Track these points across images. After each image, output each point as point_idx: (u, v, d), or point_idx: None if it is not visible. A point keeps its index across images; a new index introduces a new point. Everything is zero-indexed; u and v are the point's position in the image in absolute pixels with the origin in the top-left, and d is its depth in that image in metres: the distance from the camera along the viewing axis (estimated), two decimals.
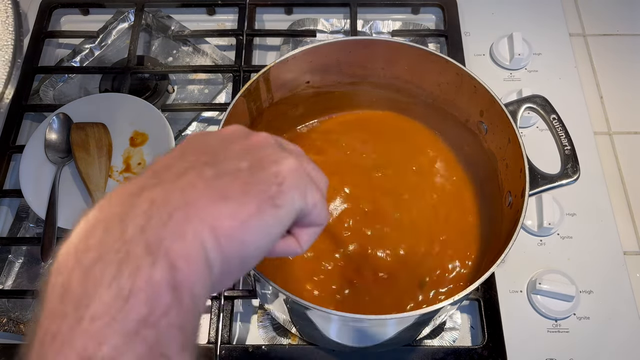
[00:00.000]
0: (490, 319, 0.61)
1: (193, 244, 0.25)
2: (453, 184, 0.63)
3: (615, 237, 0.67)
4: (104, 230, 0.25)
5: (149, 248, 0.24)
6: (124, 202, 0.26)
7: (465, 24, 0.83)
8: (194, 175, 0.27)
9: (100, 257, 0.24)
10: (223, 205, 0.27)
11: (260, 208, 0.28)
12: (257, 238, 0.28)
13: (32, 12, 0.86)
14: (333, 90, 0.64)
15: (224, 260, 0.26)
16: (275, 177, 0.29)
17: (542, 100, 0.55)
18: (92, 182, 0.66)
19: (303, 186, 0.30)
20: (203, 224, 0.26)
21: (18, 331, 0.62)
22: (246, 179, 0.28)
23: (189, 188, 0.27)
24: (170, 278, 0.24)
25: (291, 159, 0.30)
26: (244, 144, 0.31)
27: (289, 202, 0.29)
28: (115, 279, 0.23)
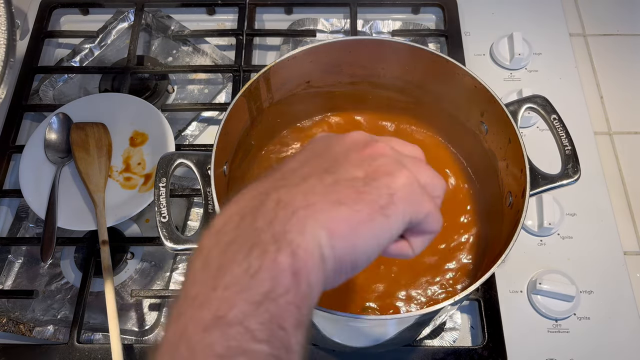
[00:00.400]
0: (491, 319, 0.61)
1: (311, 239, 0.28)
2: (452, 183, 0.63)
3: (615, 237, 0.67)
4: (240, 219, 0.29)
5: (275, 237, 0.28)
6: (256, 199, 0.30)
7: (466, 24, 0.83)
8: (315, 180, 0.31)
9: (236, 239, 0.28)
10: (337, 210, 0.30)
11: (370, 216, 0.30)
12: (366, 243, 0.30)
13: (32, 12, 0.86)
14: (333, 90, 0.64)
15: (336, 259, 0.29)
16: (387, 188, 0.31)
17: (543, 101, 0.55)
18: (92, 182, 0.66)
19: (414, 198, 0.32)
20: (320, 224, 0.29)
21: (18, 331, 0.62)
22: (360, 187, 0.31)
23: (310, 192, 0.30)
24: (291, 263, 0.27)
25: (404, 172, 0.32)
26: (363, 153, 0.34)
27: (398, 213, 0.31)
28: (246, 257, 0.27)
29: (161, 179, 0.51)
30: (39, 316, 0.65)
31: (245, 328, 0.25)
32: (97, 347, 0.60)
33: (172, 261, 0.67)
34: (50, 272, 0.68)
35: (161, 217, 0.49)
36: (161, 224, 0.49)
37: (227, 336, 0.25)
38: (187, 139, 0.76)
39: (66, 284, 0.67)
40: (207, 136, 0.77)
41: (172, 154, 0.53)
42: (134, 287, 0.66)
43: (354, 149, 0.34)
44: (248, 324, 0.26)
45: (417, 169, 0.34)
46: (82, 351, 0.59)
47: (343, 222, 0.29)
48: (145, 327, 0.64)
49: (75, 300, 0.62)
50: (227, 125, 0.53)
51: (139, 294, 0.63)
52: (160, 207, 0.50)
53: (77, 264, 0.67)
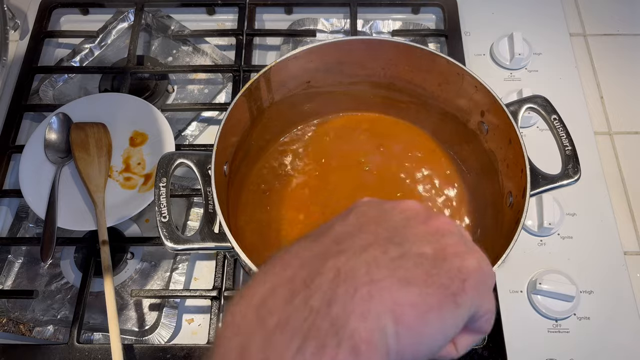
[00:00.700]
0: None
1: (376, 327, 0.24)
2: (453, 184, 0.63)
3: (615, 237, 0.67)
4: (290, 294, 0.24)
5: (334, 326, 0.23)
6: (309, 266, 0.25)
7: (465, 24, 0.83)
8: (378, 251, 0.26)
9: (285, 323, 0.23)
10: (406, 291, 0.25)
11: (441, 303, 0.26)
12: (433, 334, 0.26)
13: (31, 12, 0.86)
14: (333, 90, 0.64)
15: (399, 350, 0.25)
16: (459, 272, 0.27)
17: (543, 101, 0.55)
18: (91, 182, 0.66)
19: (482, 290, 0.28)
20: (385, 308, 0.24)
21: (18, 331, 0.62)
22: (430, 267, 0.26)
23: (374, 264, 0.25)
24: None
25: (475, 256, 0.28)
26: (427, 227, 0.29)
27: (468, 302, 0.27)
28: (300, 351, 0.22)
29: (161, 179, 0.51)
30: (39, 316, 0.65)
31: None
32: (97, 347, 0.60)
33: (172, 261, 0.67)
34: (50, 272, 0.68)
35: (161, 217, 0.49)
36: (161, 224, 0.49)
37: None
38: (187, 139, 0.76)
39: (66, 284, 0.67)
40: (207, 136, 0.77)
41: (172, 154, 0.53)
42: (134, 287, 0.66)
43: (416, 219, 0.29)
44: None
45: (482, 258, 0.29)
46: (82, 351, 0.59)
47: (412, 306, 0.25)
48: (145, 327, 0.64)
49: (75, 300, 0.62)
50: (227, 125, 0.53)
51: (139, 294, 0.63)
52: (160, 207, 0.50)
53: (77, 264, 0.67)
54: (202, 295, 0.62)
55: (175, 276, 0.65)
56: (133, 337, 0.62)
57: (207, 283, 0.65)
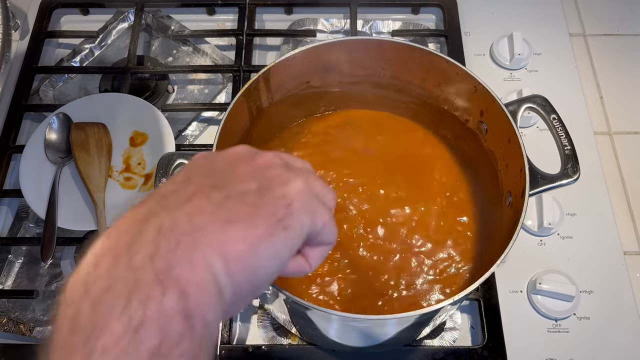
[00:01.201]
0: (490, 319, 0.61)
1: (203, 271, 0.24)
2: (453, 183, 0.63)
3: (615, 237, 0.67)
4: (113, 259, 0.24)
5: (159, 276, 0.23)
6: (132, 230, 0.26)
7: (465, 24, 0.83)
8: (201, 199, 0.27)
9: (110, 287, 0.23)
10: (231, 229, 0.26)
11: (269, 231, 0.27)
12: (267, 261, 0.27)
13: (32, 12, 0.86)
14: (333, 90, 0.64)
15: (235, 285, 0.26)
16: (283, 198, 0.29)
17: (542, 100, 0.55)
18: (92, 182, 0.66)
19: (311, 207, 0.30)
20: (212, 250, 0.25)
21: (18, 331, 0.62)
22: (254, 201, 0.28)
23: (196, 213, 0.26)
24: (181, 306, 0.23)
25: (299, 180, 0.30)
26: (251, 165, 0.31)
27: (297, 224, 0.29)
28: (125, 309, 0.23)
29: (161, 179, 0.51)
30: (39, 316, 0.65)
31: None
32: None
33: None
34: (50, 272, 0.68)
35: None
36: None
37: None
38: (187, 139, 0.76)
39: None
40: (207, 136, 0.77)
41: (172, 154, 0.53)
42: None
43: (240, 162, 0.31)
44: None
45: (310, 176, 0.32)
46: None
47: (239, 242, 0.26)
48: None
49: None
50: (227, 125, 0.53)
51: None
52: None
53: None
54: None
55: None
56: None
57: None
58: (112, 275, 0.24)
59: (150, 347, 0.22)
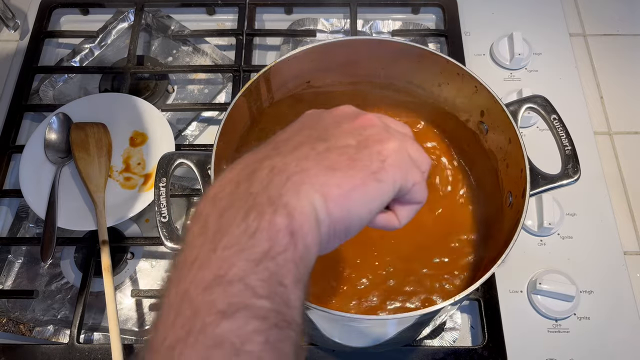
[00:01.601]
0: (491, 319, 0.61)
1: (306, 202, 0.29)
2: (453, 184, 0.63)
3: (615, 237, 0.67)
4: (235, 185, 0.30)
5: (271, 200, 0.28)
6: (251, 166, 0.31)
7: (465, 24, 0.83)
8: (307, 148, 0.32)
9: (232, 203, 0.29)
10: (331, 175, 0.30)
11: (363, 181, 0.31)
12: (360, 207, 0.31)
13: (32, 12, 0.86)
14: (333, 90, 0.64)
15: (331, 223, 0.30)
16: (378, 154, 0.32)
17: (543, 101, 0.55)
18: (92, 182, 0.66)
19: (404, 166, 0.33)
20: (314, 188, 0.30)
21: (18, 331, 0.62)
22: (352, 154, 0.32)
23: (303, 158, 0.31)
24: (287, 223, 0.28)
25: (395, 141, 0.33)
26: (353, 124, 0.34)
27: (389, 178, 0.32)
28: (244, 219, 0.28)
29: (161, 179, 0.51)
30: (39, 316, 0.65)
31: (245, 285, 0.26)
32: (97, 347, 0.60)
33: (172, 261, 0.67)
34: (50, 272, 0.68)
35: (161, 217, 0.49)
36: (161, 224, 0.49)
37: (229, 293, 0.26)
38: (187, 139, 0.76)
39: (66, 284, 0.67)
40: (207, 136, 0.77)
41: (172, 154, 0.53)
42: (134, 287, 0.66)
43: (344, 119, 0.35)
44: (248, 281, 0.26)
45: (406, 141, 0.35)
46: (82, 351, 0.59)
47: (337, 186, 0.30)
48: (145, 327, 0.64)
49: (75, 300, 0.62)
50: (228, 125, 0.53)
51: (139, 294, 0.63)
52: (160, 207, 0.50)
53: (77, 264, 0.67)
54: None
55: None
56: (133, 337, 0.62)
57: None
58: (234, 195, 0.29)
59: (261, 249, 0.27)
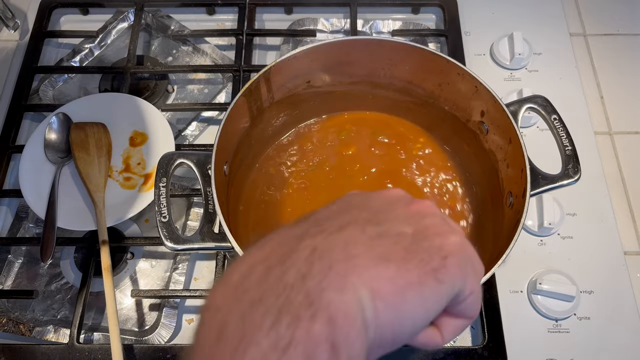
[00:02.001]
0: (491, 319, 0.61)
1: (352, 300, 0.24)
2: (453, 184, 0.63)
3: (615, 237, 0.67)
4: (265, 271, 0.24)
5: (309, 297, 0.23)
6: (286, 245, 0.26)
7: (466, 24, 0.83)
8: (356, 230, 0.27)
9: (260, 299, 0.23)
10: (384, 267, 0.25)
11: (421, 278, 0.26)
12: (414, 310, 0.26)
13: (32, 12, 0.86)
14: (333, 90, 0.64)
15: (379, 326, 0.25)
16: (439, 250, 0.27)
17: (543, 101, 0.55)
18: (91, 182, 0.66)
19: (466, 268, 0.28)
20: (362, 282, 0.24)
21: (18, 331, 0.62)
22: (409, 245, 0.27)
23: (351, 242, 0.26)
24: (329, 333, 0.22)
25: (457, 236, 0.29)
26: (408, 209, 0.30)
27: (450, 279, 0.27)
28: (274, 326, 0.22)
29: (161, 179, 0.51)
30: (39, 316, 0.65)
31: None
32: (97, 347, 0.60)
33: (172, 261, 0.67)
34: (50, 272, 0.68)
35: (161, 217, 0.49)
36: (161, 224, 0.49)
37: None
38: (187, 139, 0.76)
39: (66, 284, 0.67)
40: (207, 136, 0.77)
41: (172, 154, 0.53)
42: (134, 287, 0.66)
43: (398, 203, 0.30)
44: None
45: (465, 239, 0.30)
46: (82, 351, 0.59)
47: (390, 281, 0.25)
48: (145, 327, 0.64)
49: (75, 300, 0.62)
50: (227, 125, 0.53)
51: (139, 294, 0.63)
52: (160, 207, 0.50)
53: (77, 264, 0.67)
54: (202, 295, 0.62)
55: (175, 276, 0.65)
56: (133, 337, 0.62)
57: (207, 283, 0.65)
58: (263, 287, 0.24)
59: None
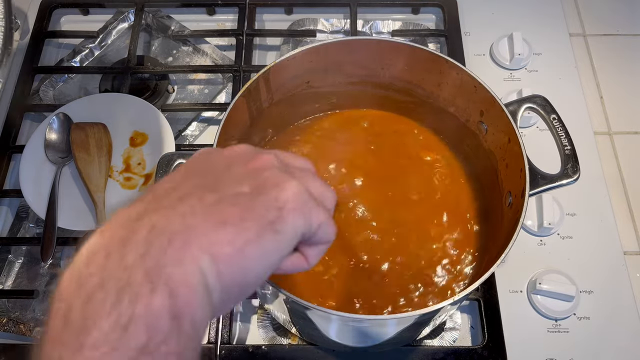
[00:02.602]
0: (490, 319, 0.61)
1: (192, 271, 0.25)
2: (453, 183, 0.63)
3: (615, 237, 0.67)
4: (105, 256, 0.25)
5: (149, 275, 0.24)
6: (125, 227, 0.26)
7: (465, 24, 0.83)
8: (194, 200, 0.27)
9: (101, 283, 0.24)
10: (222, 231, 0.26)
11: (259, 234, 0.27)
12: (256, 264, 0.28)
13: (32, 12, 0.86)
14: (333, 90, 0.64)
15: (224, 287, 0.26)
16: (275, 201, 0.29)
17: (542, 100, 0.55)
18: (92, 182, 0.66)
19: (306, 209, 0.30)
20: (202, 250, 0.25)
21: (18, 331, 0.62)
22: (246, 203, 0.28)
23: (189, 213, 0.27)
24: (170, 305, 0.24)
25: (293, 183, 0.30)
26: (248, 167, 0.31)
27: (289, 227, 0.29)
28: (115, 306, 0.23)
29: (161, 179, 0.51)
30: (39, 316, 0.65)
31: None
32: None
33: None
34: (50, 272, 0.68)
35: None
36: None
37: None
38: (187, 139, 0.76)
39: None
40: (207, 136, 0.77)
41: (172, 154, 0.53)
42: None
43: (237, 162, 0.31)
44: None
45: (307, 179, 0.32)
46: None
47: (229, 244, 0.26)
48: None
49: None
50: (227, 125, 0.53)
51: None
52: None
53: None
54: None
55: None
56: None
57: None
58: (104, 272, 0.24)
59: (137, 345, 0.23)
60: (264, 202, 0.28)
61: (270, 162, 0.31)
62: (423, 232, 0.60)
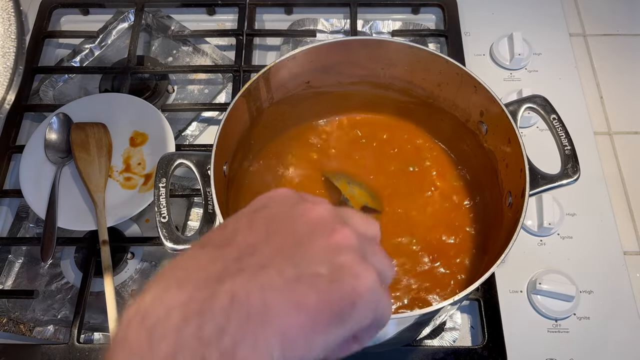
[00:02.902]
0: (490, 319, 0.61)
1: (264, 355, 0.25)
2: (453, 183, 0.63)
3: (615, 237, 0.67)
4: (183, 319, 0.25)
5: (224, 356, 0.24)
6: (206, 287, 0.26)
7: (465, 24, 0.83)
8: (274, 272, 0.28)
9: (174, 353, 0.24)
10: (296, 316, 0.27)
11: (329, 324, 0.27)
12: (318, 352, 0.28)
13: (32, 12, 0.86)
14: (333, 91, 0.64)
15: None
16: (351, 293, 0.29)
17: (543, 101, 0.55)
18: (92, 182, 0.66)
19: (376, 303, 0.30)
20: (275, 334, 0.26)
21: (18, 331, 0.62)
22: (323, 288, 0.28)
23: (268, 288, 0.27)
24: None
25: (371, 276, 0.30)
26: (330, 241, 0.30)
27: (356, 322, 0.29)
28: None
29: (161, 179, 0.51)
30: (39, 316, 0.65)
31: None
32: (97, 347, 0.60)
33: None
34: (50, 272, 0.68)
35: (161, 217, 0.49)
36: (161, 224, 0.49)
37: None
38: (187, 139, 0.76)
39: (66, 284, 0.67)
40: (207, 136, 0.77)
41: (172, 154, 0.53)
42: (134, 287, 0.66)
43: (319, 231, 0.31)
44: None
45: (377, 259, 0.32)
46: (82, 351, 0.59)
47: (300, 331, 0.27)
48: None
49: (75, 300, 0.62)
50: (227, 126, 0.53)
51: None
52: (160, 207, 0.50)
53: (77, 264, 0.67)
54: None
55: None
56: None
57: None
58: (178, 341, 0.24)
59: None
60: (340, 291, 0.28)
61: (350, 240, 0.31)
62: (422, 231, 0.60)
